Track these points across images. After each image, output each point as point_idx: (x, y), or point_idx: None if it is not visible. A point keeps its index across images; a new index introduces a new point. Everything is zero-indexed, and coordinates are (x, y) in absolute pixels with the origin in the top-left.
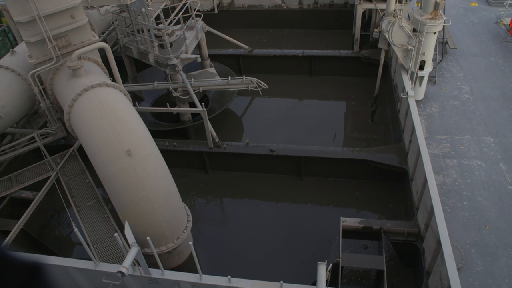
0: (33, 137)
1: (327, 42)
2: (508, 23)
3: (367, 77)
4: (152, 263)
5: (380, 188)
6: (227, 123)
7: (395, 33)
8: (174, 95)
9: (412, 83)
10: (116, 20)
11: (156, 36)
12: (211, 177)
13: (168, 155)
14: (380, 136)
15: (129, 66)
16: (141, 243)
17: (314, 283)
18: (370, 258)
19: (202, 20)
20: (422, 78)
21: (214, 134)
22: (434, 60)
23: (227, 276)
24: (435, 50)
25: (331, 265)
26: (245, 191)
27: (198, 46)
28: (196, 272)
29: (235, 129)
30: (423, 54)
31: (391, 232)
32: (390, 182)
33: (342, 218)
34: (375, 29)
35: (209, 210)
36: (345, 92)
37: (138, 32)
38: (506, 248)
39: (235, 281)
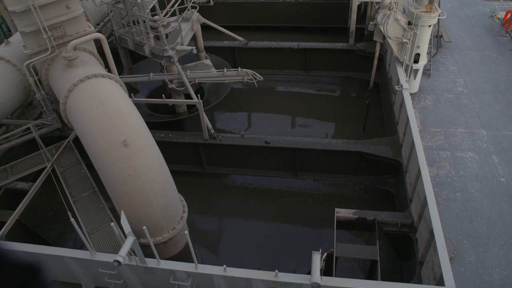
0: (28, 128)
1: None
2: (503, 17)
3: (362, 70)
4: (148, 253)
5: (374, 179)
6: (223, 115)
7: (390, 26)
8: (169, 86)
9: (406, 76)
10: (111, 11)
11: (151, 27)
12: (206, 169)
13: (163, 147)
14: (375, 128)
15: (125, 57)
16: (137, 233)
17: (309, 273)
18: (364, 249)
19: (197, 12)
20: (416, 71)
21: (210, 125)
22: (428, 53)
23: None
24: (429, 44)
25: (325, 254)
26: (241, 184)
27: (194, 38)
28: (192, 262)
29: (231, 121)
30: (418, 47)
31: (385, 223)
32: (384, 174)
33: (337, 209)
34: (370, 22)
35: (204, 203)
36: (340, 84)
37: (134, 24)
38: (497, 238)
39: (231, 271)
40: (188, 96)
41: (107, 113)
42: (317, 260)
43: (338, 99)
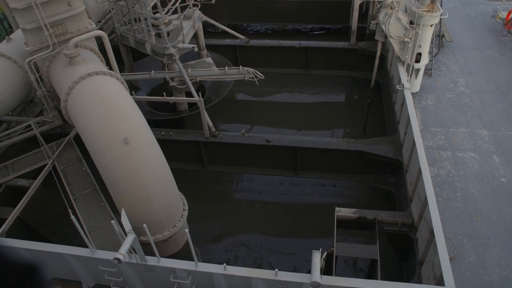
0: (29, 125)
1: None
2: (505, 17)
3: (363, 69)
4: (148, 251)
5: (374, 179)
6: (224, 114)
7: (392, 25)
8: (170, 84)
9: (408, 75)
10: (113, 9)
11: (153, 25)
12: (207, 167)
13: (164, 145)
14: (375, 127)
15: (126, 55)
16: (138, 231)
17: (309, 272)
18: (364, 248)
19: (199, 10)
20: (418, 70)
21: (211, 124)
22: (430, 52)
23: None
24: (431, 43)
25: (325, 253)
26: (242, 183)
27: (195, 36)
28: (192, 260)
29: (232, 120)
30: (420, 46)
31: (385, 223)
32: (384, 173)
33: (337, 209)
34: (372, 21)
35: (205, 202)
36: (341, 83)
37: (135, 21)
38: (497, 239)
39: (231, 269)
40: (189, 94)
41: (108, 110)
42: (317, 259)
43: (339, 98)
